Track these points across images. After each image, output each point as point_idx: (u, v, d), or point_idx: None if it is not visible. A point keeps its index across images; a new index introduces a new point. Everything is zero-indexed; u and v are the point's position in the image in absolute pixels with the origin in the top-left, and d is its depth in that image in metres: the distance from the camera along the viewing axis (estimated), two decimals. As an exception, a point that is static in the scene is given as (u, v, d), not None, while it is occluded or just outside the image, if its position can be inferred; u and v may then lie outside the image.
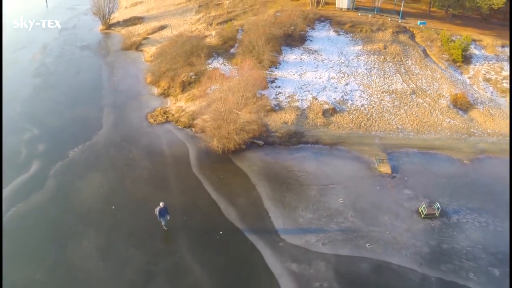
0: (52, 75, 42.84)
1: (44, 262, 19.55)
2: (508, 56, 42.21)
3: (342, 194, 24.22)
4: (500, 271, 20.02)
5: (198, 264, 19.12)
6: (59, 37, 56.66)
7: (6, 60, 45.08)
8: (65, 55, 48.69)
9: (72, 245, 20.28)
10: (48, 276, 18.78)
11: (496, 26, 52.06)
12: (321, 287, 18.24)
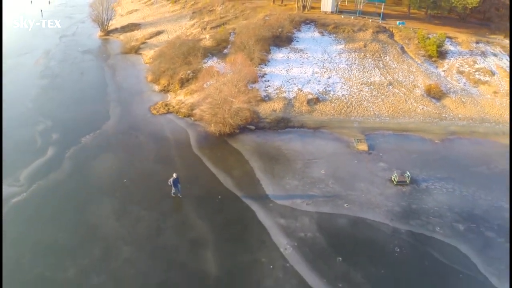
0: (58, 77, 46.13)
1: (66, 224, 22.76)
2: (482, 51, 46.46)
3: (324, 167, 28.09)
4: (464, 226, 23.59)
5: (201, 220, 22.81)
6: (60, 43, 60.24)
7: (11, 64, 48.87)
8: (68, 59, 52.12)
9: (90, 210, 23.76)
10: (71, 234, 21.97)
11: (473, 25, 56.69)
12: (305, 236, 21.88)
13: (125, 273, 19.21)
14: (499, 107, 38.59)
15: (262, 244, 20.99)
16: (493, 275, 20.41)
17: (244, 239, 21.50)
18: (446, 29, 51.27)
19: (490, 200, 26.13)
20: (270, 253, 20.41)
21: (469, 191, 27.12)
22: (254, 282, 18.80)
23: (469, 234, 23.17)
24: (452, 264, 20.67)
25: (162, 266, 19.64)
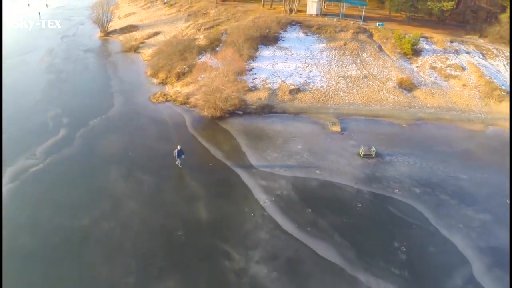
0: (63, 72, 50.73)
1: (79, 187, 27.10)
2: (455, 49, 52.00)
3: (300, 143, 33.17)
4: (420, 190, 28.12)
5: (195, 182, 27.71)
6: (62, 43, 65.12)
7: (17, 62, 53.67)
8: (71, 57, 56.86)
9: (100, 175, 28.38)
10: (84, 194, 26.34)
11: (451, 27, 62.24)
12: (281, 194, 26.87)
13: (131, 221, 23.97)
14: (467, 98, 43.74)
15: (245, 199, 25.95)
16: (443, 228, 24.83)
17: (230, 195, 26.44)
18: (424, 30, 56.68)
19: (448, 172, 30.69)
20: (251, 205, 25.33)
21: (428, 164, 31.68)
22: (238, 226, 23.70)
23: (424, 196, 27.72)
24: (406, 218, 25.43)
25: (162, 215, 24.42)
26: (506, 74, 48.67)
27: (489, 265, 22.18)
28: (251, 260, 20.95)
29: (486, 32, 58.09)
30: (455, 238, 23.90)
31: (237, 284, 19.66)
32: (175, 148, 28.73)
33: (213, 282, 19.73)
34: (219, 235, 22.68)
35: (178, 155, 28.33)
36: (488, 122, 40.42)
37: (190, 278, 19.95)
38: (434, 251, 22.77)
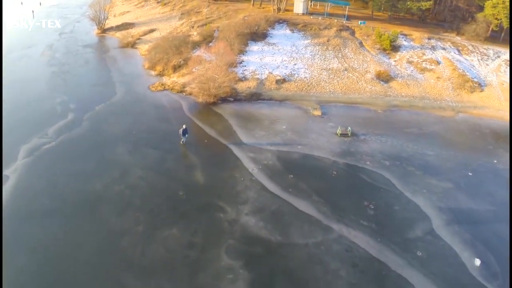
0: (65, 64, 54.70)
1: (90, 159, 31.15)
2: (432, 45, 57.25)
3: (285, 124, 37.82)
4: (389, 163, 32.65)
5: (192, 154, 32.24)
6: (60, 39, 68.84)
7: (18, 56, 57.82)
8: (71, 52, 60.75)
9: (108, 150, 32.56)
10: (94, 165, 30.43)
11: (431, 25, 67.42)
12: (267, 163, 31.48)
13: (138, 184, 28.41)
14: (440, 89, 48.77)
15: (236, 167, 30.60)
16: (408, 192, 29.28)
17: (223, 164, 31.00)
18: (404, 28, 61.64)
19: (416, 149, 35.30)
20: (241, 172, 29.98)
21: (399, 143, 36.33)
22: (230, 187, 28.26)
23: (393, 168, 32.34)
24: (375, 183, 30.04)
25: (165, 179, 28.84)
26: (479, 68, 53.73)
27: (447, 221, 26.61)
28: (242, 213, 25.56)
29: (463, 30, 63.11)
30: (418, 200, 28.41)
31: (230, 231, 24.17)
32: (180, 128, 33.12)
33: (210, 230, 24.24)
34: (214, 194, 27.23)
35: (183, 133, 32.64)
36: (459, 110, 45.21)
37: (190, 226, 24.40)
38: (398, 209, 27.44)
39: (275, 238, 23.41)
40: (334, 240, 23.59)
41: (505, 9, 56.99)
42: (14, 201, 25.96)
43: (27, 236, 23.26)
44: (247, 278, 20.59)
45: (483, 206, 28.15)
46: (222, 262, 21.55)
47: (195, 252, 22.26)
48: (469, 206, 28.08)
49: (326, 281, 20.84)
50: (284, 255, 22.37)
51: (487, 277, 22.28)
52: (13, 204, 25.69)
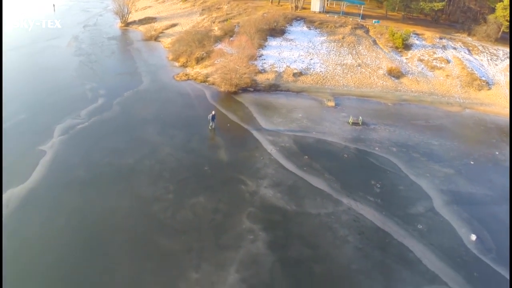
0: (91, 55, 57.94)
1: (122, 138, 34.22)
2: (443, 45, 60.11)
3: (301, 113, 41.03)
4: (396, 149, 35.39)
5: (216, 136, 35.49)
6: (85, 31, 72.31)
7: (44, 46, 61.32)
8: (97, 43, 64.07)
9: (138, 130, 35.73)
10: (126, 143, 33.48)
11: (443, 26, 70.05)
12: (284, 145, 34.74)
13: (167, 160, 31.62)
14: (448, 86, 51.64)
15: (256, 148, 33.87)
16: (412, 174, 32.10)
17: (244, 145, 34.19)
18: (417, 28, 64.43)
19: (422, 139, 38.09)
20: (261, 152, 33.25)
21: (406, 133, 39.16)
22: (251, 164, 31.51)
23: (399, 153, 35.25)
24: (382, 166, 33.06)
25: (192, 156, 31.99)
26: (488, 68, 56.43)
27: (447, 201, 29.43)
28: (261, 186, 28.88)
29: (474, 31, 65.71)
30: (421, 182, 31.36)
31: (251, 200, 27.49)
32: (209, 114, 36.42)
33: (232, 199, 27.50)
34: (236, 170, 30.52)
35: (212, 118, 35.80)
36: (466, 105, 48.05)
37: (215, 196, 27.69)
38: (402, 189, 30.47)
39: (290, 207, 26.64)
40: (343, 212, 26.74)
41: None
42: (52, 172, 29.11)
43: (66, 202, 26.29)
44: (265, 239, 23.80)
45: (482, 191, 30.83)
46: (244, 225, 24.79)
47: (219, 216, 25.52)
48: (469, 190, 30.73)
49: (335, 245, 24.05)
50: (299, 222, 25.57)
51: (481, 250, 24.91)
52: (51, 174, 28.86)
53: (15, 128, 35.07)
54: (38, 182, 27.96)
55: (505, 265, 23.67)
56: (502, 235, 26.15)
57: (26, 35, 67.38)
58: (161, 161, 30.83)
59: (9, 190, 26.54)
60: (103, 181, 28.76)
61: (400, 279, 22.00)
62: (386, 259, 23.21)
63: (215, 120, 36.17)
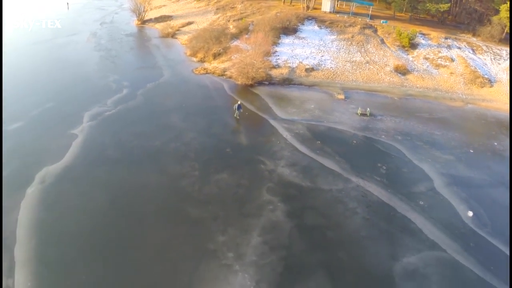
0: (111, 50, 61.33)
1: (148, 124, 37.38)
2: (448, 45, 63.49)
3: (313, 104, 44.51)
4: (401, 137, 38.32)
5: (236, 123, 39.41)
6: (102, 28, 75.92)
7: (64, 41, 64.84)
8: (115, 39, 67.52)
9: (163, 117, 38.76)
10: (152, 128, 36.58)
11: (449, 27, 73.24)
12: (298, 132, 37.96)
13: (192, 142, 34.72)
14: (452, 83, 54.91)
15: (272, 133, 37.23)
16: (415, 159, 35.05)
17: (262, 131, 37.48)
18: (423, 28, 67.69)
19: (425, 129, 41.06)
20: (277, 137, 36.59)
21: (410, 123, 42.25)
22: (269, 147, 34.82)
23: (404, 141, 38.33)
24: (388, 151, 36.26)
25: (214, 140, 35.18)
26: (491, 66, 59.59)
27: (447, 183, 32.41)
28: (278, 165, 32.32)
29: (478, 32, 68.88)
30: (423, 166, 34.52)
31: (269, 177, 30.85)
32: (235, 103, 39.81)
33: (253, 176, 30.85)
34: (255, 152, 33.89)
35: (237, 108, 39.11)
36: (468, 101, 51.26)
37: (237, 173, 31.03)
38: (406, 171, 33.73)
39: (305, 184, 30.09)
40: (352, 188, 30.15)
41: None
42: (84, 152, 32.23)
43: (99, 177, 29.32)
44: (284, 210, 27.22)
45: (480, 175, 33.98)
46: (264, 197, 28.23)
47: (242, 190, 28.95)
48: (467, 174, 33.87)
49: (345, 215, 27.43)
50: (313, 196, 28.96)
51: (477, 225, 27.96)
52: (84, 154, 31.98)
53: (44, 114, 38.39)
54: (72, 161, 31.07)
55: (499, 238, 26.73)
56: (497, 213, 29.20)
57: (45, 31, 71.26)
58: (186, 144, 34.22)
59: (44, 168, 29.70)
60: (132, 160, 31.86)
61: (403, 244, 25.18)
62: (391, 228, 26.39)
63: (241, 110, 39.35)
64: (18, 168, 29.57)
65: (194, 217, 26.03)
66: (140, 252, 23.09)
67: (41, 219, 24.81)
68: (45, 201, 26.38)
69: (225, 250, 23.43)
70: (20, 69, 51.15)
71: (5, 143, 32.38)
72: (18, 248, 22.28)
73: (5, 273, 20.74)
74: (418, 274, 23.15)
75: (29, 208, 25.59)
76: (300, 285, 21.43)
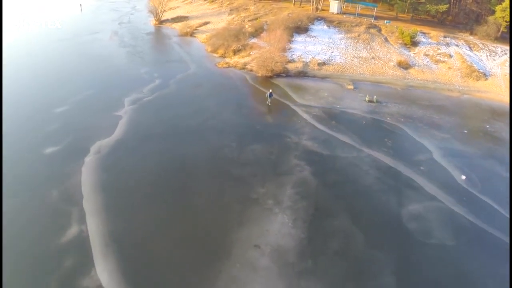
0: (136, 46, 68.03)
1: (184, 108, 43.86)
2: (447, 42, 71.30)
3: (326, 93, 51.85)
4: (404, 119, 45.81)
5: (261, 106, 47.25)
6: (121, 27, 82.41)
7: (89, 39, 71.11)
8: (137, 37, 74.28)
9: (196, 103, 45.26)
10: (189, 111, 43.16)
11: (448, 26, 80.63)
12: (316, 114, 45.51)
13: (226, 121, 41.21)
14: (450, 76, 62.31)
15: (294, 115, 44.31)
16: (416, 136, 41.61)
17: (285, 113, 44.41)
18: (424, 28, 75.16)
19: (425, 114, 47.86)
20: (298, 118, 43.49)
21: (412, 109, 50.16)
22: (292, 125, 41.66)
23: (406, 122, 45.49)
24: (393, 130, 43.04)
25: (245, 120, 41.78)
26: (486, 62, 66.96)
27: (443, 154, 39.24)
28: (302, 139, 39.51)
29: (475, 31, 76.30)
30: (423, 141, 41.41)
31: (295, 147, 37.74)
32: (267, 92, 46.65)
33: (281, 146, 37.73)
34: (281, 129, 40.79)
35: (269, 95, 46.02)
36: (464, 92, 58.76)
37: (268, 144, 37.86)
38: (408, 145, 40.95)
39: (325, 152, 37.43)
40: (365, 156, 37.43)
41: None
42: (131, 129, 37.99)
43: (149, 148, 34.94)
44: (310, 170, 34.33)
45: (472, 150, 41.04)
46: (292, 162, 35.48)
47: (274, 156, 36.09)
48: (461, 149, 40.95)
49: (360, 175, 34.63)
50: (332, 161, 36.16)
51: (469, 185, 34.67)
52: (132, 131, 37.70)
53: (87, 100, 44.01)
54: (122, 136, 37.14)
55: (488, 195, 33.19)
56: (487, 178, 35.86)
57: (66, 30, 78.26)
58: (221, 121, 41.28)
59: (97, 142, 34.90)
60: (176, 135, 38.17)
61: (407, 196, 32.31)
62: (397, 185, 33.54)
63: (272, 97, 46.28)
64: (71, 143, 34.34)
65: (237, 175, 32.58)
66: (197, 198, 29.44)
67: (102, 179, 29.27)
68: (103, 166, 31.15)
69: (265, 198, 30.04)
70: (53, 61, 58.08)
71: (53, 124, 38.07)
72: (86, 201, 26.77)
73: (77, 221, 25.90)
74: (421, 217, 29.69)
75: (89, 171, 30.28)
76: (327, 222, 28.26)
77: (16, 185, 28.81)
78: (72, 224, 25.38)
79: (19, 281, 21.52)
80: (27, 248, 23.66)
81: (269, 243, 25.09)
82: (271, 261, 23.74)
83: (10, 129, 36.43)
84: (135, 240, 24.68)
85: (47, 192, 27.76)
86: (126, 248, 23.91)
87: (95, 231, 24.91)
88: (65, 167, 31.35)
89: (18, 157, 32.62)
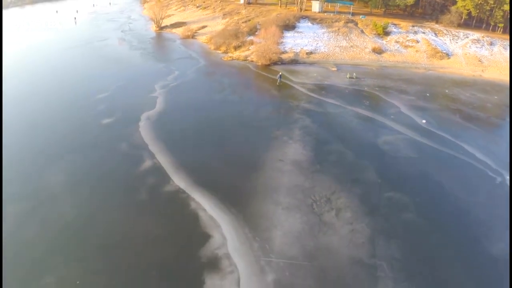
0: (145, 49, 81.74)
1: (208, 89, 59.21)
2: (415, 31, 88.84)
3: (315, 73, 67.77)
4: (378, 89, 62.57)
5: (271, 85, 65.14)
6: (125, 34, 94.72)
7: (100, 45, 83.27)
8: (144, 41, 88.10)
9: (215, 87, 61.21)
10: (213, 89, 58.24)
11: (417, 18, 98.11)
12: (309, 88, 62.59)
13: (241, 94, 59.85)
14: (417, 57, 78.92)
15: (293, 89, 59.39)
16: (388, 98, 57.57)
17: (285, 88, 60.11)
18: (395, 20, 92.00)
19: (395, 84, 63.86)
20: (297, 91, 58.83)
21: (385, 82, 65.37)
22: (292, 95, 57.29)
23: (380, 91, 61.56)
24: (369, 96, 58.59)
25: (255, 93, 58.22)
26: (450, 45, 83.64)
27: (409, 108, 56.17)
28: (300, 102, 54.64)
29: (441, 19, 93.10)
30: (393, 101, 57.37)
31: (297, 108, 53.05)
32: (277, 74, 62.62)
33: (287, 108, 52.72)
34: (285, 98, 56.38)
35: (279, 77, 61.52)
36: (429, 69, 75.69)
37: (276, 106, 52.70)
38: (382, 104, 57.26)
39: (319, 110, 53.20)
40: (349, 111, 53.09)
41: (472, 1, 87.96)
42: (170, 104, 51.97)
43: (190, 115, 49.65)
44: (310, 120, 49.31)
45: (432, 106, 57.17)
46: (296, 116, 50.66)
47: (282, 113, 51.30)
48: (423, 105, 57.01)
49: (346, 121, 49.80)
50: (325, 114, 51.83)
51: (428, 126, 50.12)
52: (171, 105, 51.68)
53: (122, 88, 55.47)
54: (164, 108, 50.33)
55: (443, 131, 48.60)
56: (443, 122, 50.79)
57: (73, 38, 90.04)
58: (238, 95, 56.70)
59: (145, 113, 47.65)
60: (205, 105, 52.42)
61: (381, 132, 47.67)
62: (374, 126, 49.07)
63: (281, 78, 61.92)
64: (123, 115, 45.45)
65: (258, 125, 47.24)
66: (233, 139, 44.02)
67: (158, 134, 40.54)
68: (155, 127, 43.73)
69: (281, 135, 45.10)
70: (77, 63, 68.93)
71: (99, 106, 48.50)
72: (151, 146, 38.24)
73: (149, 158, 37.18)
74: (392, 143, 44.69)
75: (146, 130, 42.00)
76: (326, 147, 43.66)
77: (92, 142, 39.99)
78: (146, 159, 38.42)
79: (122, 193, 34.27)
80: (119, 177, 35.31)
81: (289, 158, 39.76)
82: (292, 167, 38.41)
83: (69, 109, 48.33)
84: (196, 165, 36.99)
85: (118, 145, 39.04)
86: (190, 169, 35.28)
87: (164, 161, 37.25)
88: (124, 129, 42.38)
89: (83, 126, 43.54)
